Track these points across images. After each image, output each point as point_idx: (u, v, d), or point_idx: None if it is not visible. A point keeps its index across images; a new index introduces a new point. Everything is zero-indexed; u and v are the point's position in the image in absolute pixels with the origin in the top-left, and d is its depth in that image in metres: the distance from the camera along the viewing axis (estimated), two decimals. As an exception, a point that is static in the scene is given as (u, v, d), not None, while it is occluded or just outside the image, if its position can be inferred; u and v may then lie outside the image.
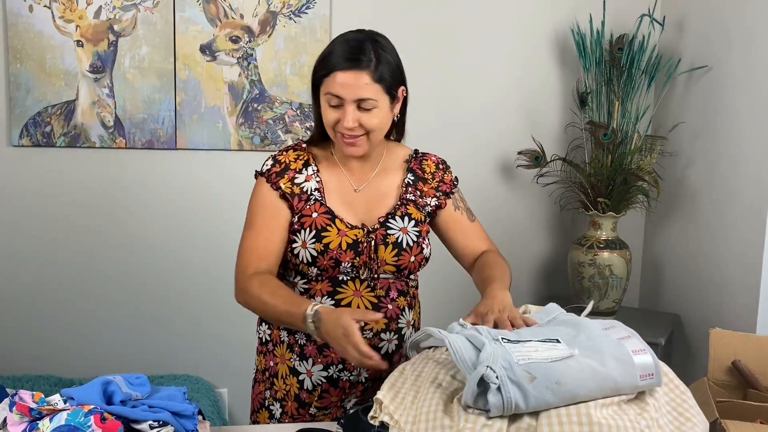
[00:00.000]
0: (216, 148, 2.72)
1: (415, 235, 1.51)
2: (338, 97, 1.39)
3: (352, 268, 1.48)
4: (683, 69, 2.61)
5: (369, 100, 1.40)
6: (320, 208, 1.49)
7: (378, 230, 1.49)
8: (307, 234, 1.46)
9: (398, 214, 1.52)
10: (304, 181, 1.51)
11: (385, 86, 1.42)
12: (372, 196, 1.54)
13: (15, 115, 2.61)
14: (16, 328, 2.72)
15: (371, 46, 1.41)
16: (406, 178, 1.57)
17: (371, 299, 1.50)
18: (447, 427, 1.04)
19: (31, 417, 1.11)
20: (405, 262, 1.50)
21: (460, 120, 2.82)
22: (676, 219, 2.69)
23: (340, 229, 1.47)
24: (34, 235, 2.69)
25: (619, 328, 1.13)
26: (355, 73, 1.38)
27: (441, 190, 1.59)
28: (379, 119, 1.43)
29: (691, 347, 2.61)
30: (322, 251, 1.46)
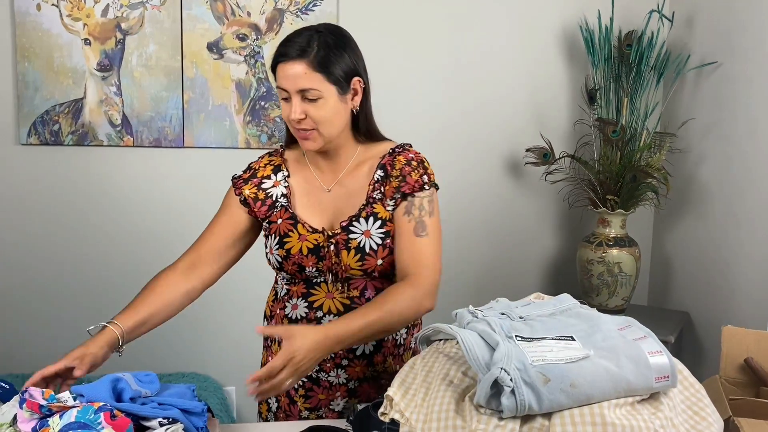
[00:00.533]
0: (223, 146, 2.72)
1: (380, 237, 1.44)
2: (285, 90, 1.40)
3: (318, 273, 1.46)
4: (693, 65, 2.60)
5: (311, 90, 1.38)
6: (284, 214, 1.49)
7: (339, 235, 1.45)
8: (272, 240, 1.48)
9: (363, 216, 1.46)
10: (271, 187, 1.52)
11: (329, 76, 1.39)
12: (342, 196, 1.50)
13: (23, 113, 2.61)
14: (24, 326, 2.73)
15: (314, 37, 1.40)
16: (375, 175, 1.49)
17: (343, 301, 1.47)
18: (459, 427, 1.03)
19: (41, 414, 1.11)
20: (371, 266, 1.45)
21: (468, 117, 2.81)
22: (686, 216, 2.68)
23: (302, 234, 1.46)
24: (42, 233, 2.70)
25: (635, 328, 1.12)
26: (293, 63, 1.38)
27: (401, 189, 1.45)
28: (326, 111, 1.40)
29: (701, 345, 2.60)
30: (285, 257, 1.46)
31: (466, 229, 2.87)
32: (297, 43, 1.39)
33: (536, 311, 1.21)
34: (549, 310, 1.22)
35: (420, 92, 2.78)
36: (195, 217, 2.81)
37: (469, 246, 2.89)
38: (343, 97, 1.43)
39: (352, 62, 1.44)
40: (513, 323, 1.16)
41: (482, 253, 2.90)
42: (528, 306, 1.24)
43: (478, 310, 1.21)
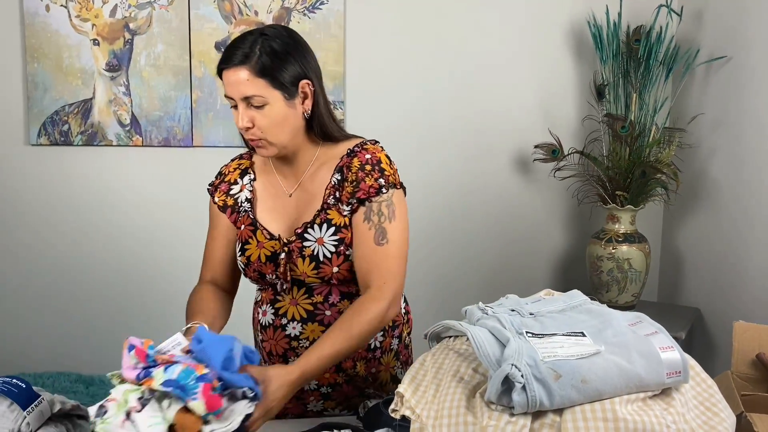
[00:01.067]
0: (232, 146, 2.72)
1: (333, 245, 1.39)
2: (231, 98, 1.37)
3: (278, 279, 1.44)
4: (702, 60, 2.58)
5: (255, 97, 1.33)
6: (246, 220, 1.49)
7: (294, 242, 1.41)
8: (237, 246, 1.49)
9: (317, 222, 1.41)
10: (238, 192, 1.52)
11: (273, 81, 1.34)
12: (302, 200, 1.46)
13: (33, 114, 2.63)
14: (36, 325, 2.75)
15: (257, 41, 1.35)
16: (332, 179, 1.43)
17: (307, 307, 1.45)
18: (470, 423, 1.03)
19: (146, 363, 1.11)
20: (327, 274, 1.40)
21: (477, 114, 2.80)
22: (696, 211, 2.67)
23: (260, 240, 1.45)
24: (52, 233, 2.71)
25: (646, 324, 1.11)
26: (235, 70, 1.33)
27: (356, 196, 1.39)
28: (272, 117, 1.35)
29: (712, 341, 2.59)
30: (246, 264, 1.47)
31: (475, 227, 2.87)
32: (240, 49, 1.34)
33: (546, 308, 1.21)
34: (559, 307, 1.21)
35: (428, 89, 2.78)
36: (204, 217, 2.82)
37: (479, 243, 2.88)
38: (290, 101, 1.37)
39: (299, 66, 1.37)
40: (523, 320, 1.15)
41: (491, 250, 2.89)
42: (538, 302, 1.24)
43: (488, 307, 1.21)
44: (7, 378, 1.19)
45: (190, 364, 1.09)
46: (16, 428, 1.14)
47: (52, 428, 1.19)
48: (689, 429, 1.01)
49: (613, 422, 0.98)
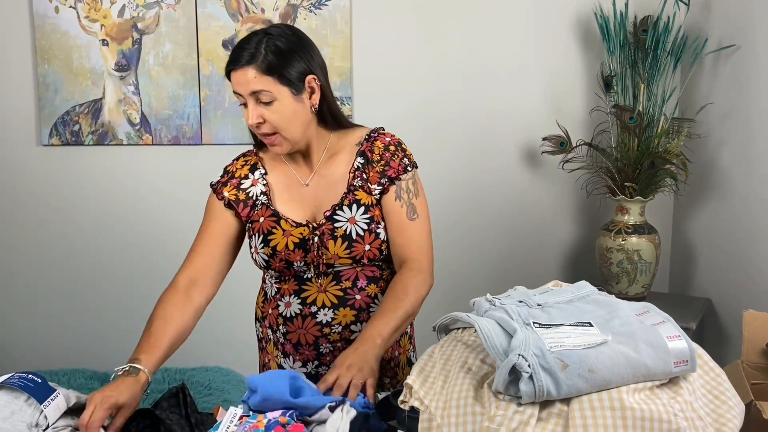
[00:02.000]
0: (241, 143, 2.73)
1: (366, 223, 1.46)
2: (240, 95, 1.42)
3: (307, 267, 1.47)
4: (710, 49, 2.57)
5: (263, 93, 1.39)
6: (266, 212, 1.50)
7: (324, 225, 1.46)
8: (256, 239, 1.49)
9: (346, 203, 1.47)
10: (250, 186, 1.53)
11: (280, 78, 1.39)
12: (321, 187, 1.51)
13: (44, 114, 2.66)
14: (50, 323, 2.78)
15: (262, 41, 1.40)
16: (354, 162, 1.50)
17: (336, 293, 1.48)
18: (478, 414, 1.04)
19: None
20: (359, 253, 1.46)
21: (484, 107, 2.80)
22: (706, 202, 2.66)
23: (285, 229, 1.47)
24: (65, 232, 2.74)
25: (653, 313, 1.11)
26: (242, 69, 1.39)
27: (386, 174, 1.48)
28: (281, 113, 1.41)
29: (723, 332, 2.58)
30: (271, 254, 1.47)
31: (484, 219, 2.87)
32: (246, 50, 1.39)
33: (554, 298, 1.21)
34: (567, 297, 1.22)
35: (435, 83, 2.78)
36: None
37: (487, 236, 2.89)
38: (298, 97, 1.42)
39: (304, 62, 1.42)
40: (531, 310, 1.16)
41: (500, 242, 2.90)
42: (546, 293, 1.25)
43: (495, 299, 1.21)
44: (24, 373, 1.21)
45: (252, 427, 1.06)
46: (34, 422, 1.16)
47: (69, 421, 1.22)
48: (697, 417, 1.02)
49: (621, 411, 0.99)
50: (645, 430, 0.97)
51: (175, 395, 1.33)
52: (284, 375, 1.16)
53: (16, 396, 1.18)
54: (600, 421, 0.98)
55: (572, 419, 0.99)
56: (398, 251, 1.48)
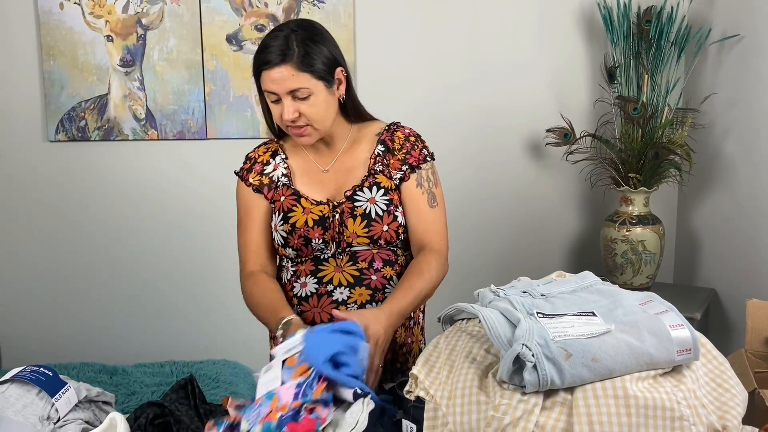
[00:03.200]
0: (246, 137, 2.75)
1: (385, 204, 1.51)
2: (273, 93, 1.44)
3: (325, 245, 1.50)
4: (714, 39, 2.56)
5: (301, 89, 1.42)
6: (287, 191, 1.54)
7: (344, 203, 1.51)
8: (277, 217, 1.53)
9: (366, 185, 1.53)
10: (272, 171, 1.57)
11: (315, 73, 1.43)
12: (341, 172, 1.56)
13: (50, 110, 2.67)
14: (58, 317, 2.80)
15: (290, 37, 1.43)
16: (375, 150, 1.56)
17: (353, 272, 1.51)
18: (483, 403, 1.05)
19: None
20: (377, 233, 1.50)
21: (487, 99, 2.81)
22: (710, 192, 2.66)
23: (305, 207, 1.51)
24: (72, 227, 2.77)
25: (656, 303, 1.12)
26: (279, 68, 1.41)
27: (407, 162, 1.55)
28: (317, 106, 1.45)
29: (728, 322, 2.59)
30: (290, 231, 1.51)
31: (488, 211, 2.88)
32: (277, 47, 1.42)
33: (557, 289, 1.22)
34: (570, 287, 1.23)
35: (439, 76, 2.79)
36: (221, 207, 2.86)
37: (491, 227, 2.89)
38: (330, 89, 1.48)
39: (331, 54, 1.47)
40: (534, 301, 1.17)
41: (504, 234, 2.90)
42: (550, 284, 1.26)
43: (499, 289, 1.23)
44: (35, 367, 1.23)
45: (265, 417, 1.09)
46: (45, 414, 1.18)
47: (80, 414, 1.23)
48: (700, 405, 1.03)
49: (624, 399, 1.00)
50: (648, 418, 0.98)
51: (184, 387, 1.34)
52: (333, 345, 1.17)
53: (28, 389, 1.20)
54: (604, 409, 0.99)
55: (576, 408, 1.00)
56: (418, 236, 1.53)
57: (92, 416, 1.26)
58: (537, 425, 1.00)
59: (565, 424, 1.00)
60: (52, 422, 1.19)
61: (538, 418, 1.01)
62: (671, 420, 0.99)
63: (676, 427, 0.99)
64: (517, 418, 1.00)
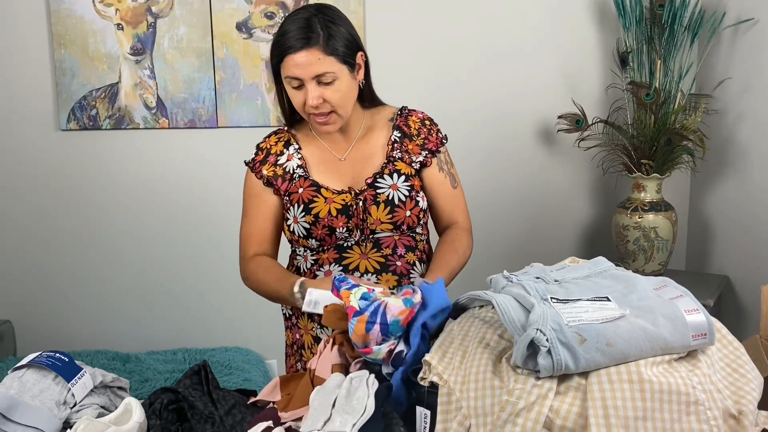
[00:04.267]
0: (256, 125, 2.75)
1: (407, 190, 1.51)
2: (297, 78, 1.41)
3: (349, 233, 1.50)
4: (728, 23, 2.53)
5: (326, 74, 1.40)
6: (305, 183, 1.52)
7: (366, 191, 1.50)
8: (296, 209, 1.51)
9: (386, 172, 1.52)
10: (286, 161, 1.55)
11: (339, 57, 1.41)
12: (358, 160, 1.55)
13: (62, 99, 2.68)
14: (72, 306, 2.83)
15: (317, 21, 1.40)
16: (392, 136, 1.56)
17: (378, 259, 1.52)
18: (497, 387, 1.05)
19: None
20: (401, 218, 1.51)
21: (499, 85, 2.79)
22: (724, 178, 2.63)
23: (327, 197, 1.50)
24: (84, 215, 2.78)
25: (671, 288, 1.12)
26: (306, 52, 1.38)
27: (427, 148, 1.56)
28: (341, 91, 1.43)
29: (741, 308, 2.57)
30: (313, 222, 1.49)
31: (500, 198, 2.87)
32: (300, 31, 1.39)
33: (571, 274, 1.22)
34: (584, 273, 1.23)
35: (450, 61, 2.77)
36: (231, 196, 2.87)
37: (503, 214, 2.88)
38: (353, 74, 1.46)
39: (353, 38, 1.45)
40: (548, 286, 1.17)
41: (516, 221, 2.90)
42: (563, 270, 1.25)
43: (512, 275, 1.22)
44: (51, 352, 1.24)
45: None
46: (62, 399, 1.19)
47: (96, 399, 1.24)
48: (715, 390, 1.02)
49: (639, 384, 0.99)
50: (663, 402, 0.98)
51: (197, 373, 1.35)
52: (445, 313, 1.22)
53: (45, 374, 1.21)
54: (618, 394, 0.99)
55: (590, 392, 1.00)
56: (446, 216, 1.60)
57: (108, 401, 1.27)
58: (551, 410, 1.00)
59: (580, 408, 1.00)
60: (69, 407, 1.20)
61: (552, 403, 1.01)
62: (686, 405, 0.99)
63: (691, 412, 0.98)
64: (531, 402, 1.00)
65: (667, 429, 0.98)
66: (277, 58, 1.43)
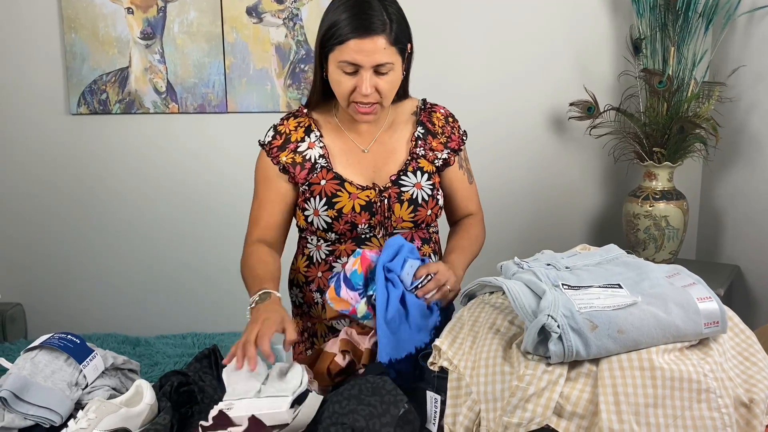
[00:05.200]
0: (265, 111, 2.74)
1: (430, 189, 1.51)
2: (354, 65, 1.35)
3: (370, 229, 1.48)
4: (743, 10, 2.50)
5: (386, 64, 1.36)
6: (327, 175, 1.47)
7: (390, 188, 1.48)
8: (318, 202, 1.47)
9: (410, 170, 1.50)
10: (307, 149, 1.49)
11: (399, 48, 1.38)
12: (380, 154, 1.51)
13: (72, 84, 2.68)
14: (82, 289, 2.84)
15: (380, 7, 1.35)
16: (416, 132, 1.53)
17: None
18: (507, 373, 1.05)
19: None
20: (422, 217, 1.51)
21: (510, 71, 2.77)
22: (736, 167, 2.61)
23: (351, 192, 1.46)
24: (93, 199, 2.79)
25: (683, 275, 1.11)
26: (373, 39, 1.33)
27: (449, 147, 1.55)
28: (393, 82, 1.40)
29: (752, 298, 2.56)
30: (335, 217, 1.46)
31: (510, 185, 2.86)
32: (374, 17, 1.33)
33: (582, 261, 1.22)
34: (595, 260, 1.22)
35: (461, 47, 2.75)
36: (240, 181, 2.87)
37: (514, 202, 2.87)
38: (402, 66, 1.42)
39: (408, 28, 1.42)
40: (559, 273, 1.17)
41: (526, 208, 2.89)
42: (574, 257, 1.25)
43: (523, 262, 1.22)
44: (63, 334, 1.25)
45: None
46: (74, 381, 1.20)
47: (107, 380, 1.25)
48: (727, 378, 1.02)
49: (650, 371, 0.99)
50: (674, 390, 0.98)
51: (207, 357, 1.36)
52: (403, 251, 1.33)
53: (57, 356, 1.22)
54: (629, 380, 0.99)
55: (601, 379, 1.00)
56: (461, 211, 1.63)
57: (119, 383, 1.28)
58: (561, 396, 1.00)
59: (590, 395, 1.00)
60: (80, 388, 1.21)
61: (563, 389, 1.00)
62: (697, 392, 0.98)
63: (702, 400, 0.98)
64: (541, 388, 1.00)
65: (677, 416, 0.98)
66: (336, 41, 1.34)
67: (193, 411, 1.21)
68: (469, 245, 1.55)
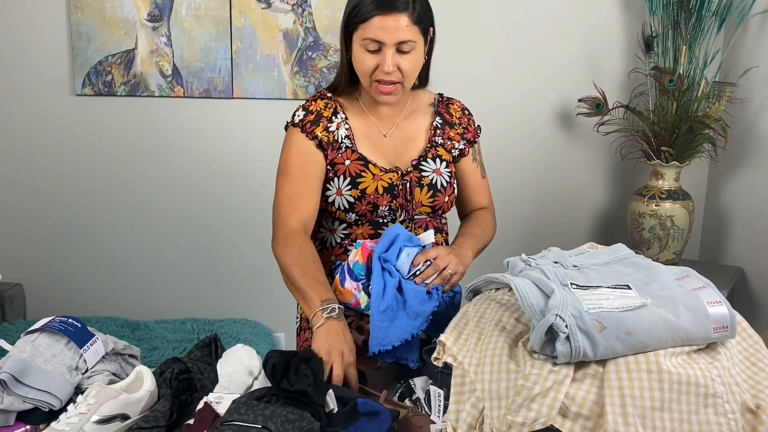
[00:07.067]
0: (271, 97, 2.73)
1: (448, 176, 1.54)
2: (377, 42, 1.37)
3: (389, 212, 1.49)
4: (758, 10, 2.48)
5: (408, 42, 1.38)
6: (352, 155, 1.49)
7: (412, 173, 1.50)
8: (341, 181, 1.47)
9: (429, 156, 1.53)
10: (335, 129, 1.51)
11: (422, 27, 1.41)
12: (401, 140, 1.54)
13: (77, 64, 2.66)
14: (83, 272, 2.83)
15: None
16: (434, 122, 1.57)
17: None
18: (512, 371, 1.04)
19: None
20: (440, 203, 1.53)
21: (519, 66, 2.75)
22: (744, 168, 2.60)
23: (375, 174, 1.48)
24: (96, 181, 2.77)
25: (693, 278, 1.10)
26: (396, 16, 1.36)
27: (465, 138, 1.59)
28: (414, 62, 1.42)
29: (756, 301, 2.55)
30: (359, 197, 1.47)
31: (516, 180, 2.84)
32: None
33: (590, 260, 1.20)
34: (604, 260, 1.21)
35: (471, 41, 2.73)
36: (244, 167, 2.85)
37: (519, 197, 2.86)
38: (424, 48, 1.44)
39: (431, 11, 1.44)
40: (567, 271, 1.15)
41: (532, 204, 2.87)
42: (582, 255, 1.23)
43: (531, 259, 1.20)
44: (63, 318, 1.24)
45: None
46: (74, 365, 1.19)
47: (107, 365, 1.24)
48: (734, 383, 1.01)
49: (657, 374, 0.98)
50: (681, 393, 0.97)
51: (208, 345, 1.35)
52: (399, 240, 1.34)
53: (57, 339, 1.21)
54: (636, 383, 0.97)
55: (608, 381, 0.98)
56: (472, 205, 1.65)
57: (119, 368, 1.27)
58: (567, 396, 0.99)
59: (596, 396, 0.99)
60: (81, 372, 1.20)
61: (569, 389, 0.99)
62: (704, 397, 0.97)
63: (709, 404, 0.97)
64: (547, 388, 0.99)
65: (684, 420, 0.96)
66: (361, 18, 1.37)
67: (193, 398, 1.21)
68: (480, 233, 1.56)
